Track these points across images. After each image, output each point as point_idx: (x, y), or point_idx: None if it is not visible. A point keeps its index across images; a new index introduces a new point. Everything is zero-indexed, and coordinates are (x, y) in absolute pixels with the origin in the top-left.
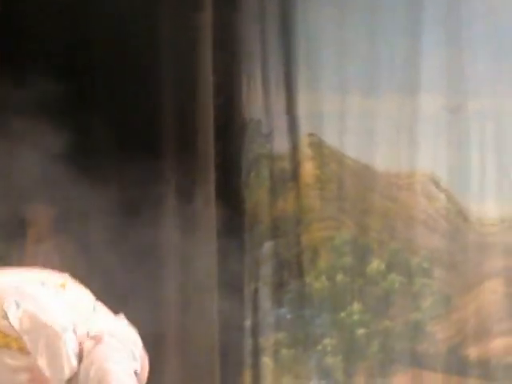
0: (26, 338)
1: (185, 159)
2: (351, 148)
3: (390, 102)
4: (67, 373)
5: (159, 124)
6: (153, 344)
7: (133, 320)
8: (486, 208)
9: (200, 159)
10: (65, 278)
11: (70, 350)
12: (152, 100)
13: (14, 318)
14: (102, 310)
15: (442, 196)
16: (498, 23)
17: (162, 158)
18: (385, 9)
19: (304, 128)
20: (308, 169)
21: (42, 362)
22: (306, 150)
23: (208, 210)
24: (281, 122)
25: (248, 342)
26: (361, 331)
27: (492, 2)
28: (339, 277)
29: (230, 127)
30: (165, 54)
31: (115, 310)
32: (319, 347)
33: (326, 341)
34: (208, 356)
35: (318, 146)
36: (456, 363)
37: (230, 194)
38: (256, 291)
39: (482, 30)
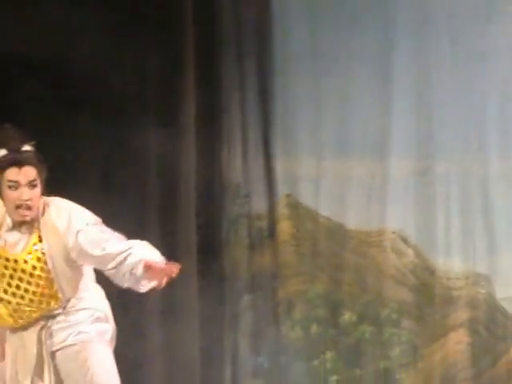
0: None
1: (168, 219)
2: (325, 208)
3: (362, 165)
4: None
5: (145, 185)
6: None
7: None
8: (452, 264)
9: (182, 219)
10: None
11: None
12: (141, 171)
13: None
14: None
15: (410, 252)
16: (466, 90)
17: (146, 217)
18: (357, 77)
19: (281, 189)
20: (284, 227)
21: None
22: (282, 210)
23: (190, 265)
24: (259, 185)
25: None
26: (333, 378)
27: (460, 69)
28: (313, 327)
29: (212, 190)
30: (150, 124)
31: None
32: None
33: None
34: None
35: (294, 206)
36: None
37: (211, 252)
38: (235, 341)
39: (450, 96)
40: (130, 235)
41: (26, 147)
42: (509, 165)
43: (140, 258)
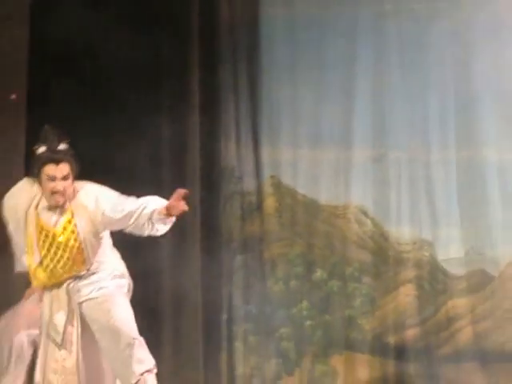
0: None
1: None
2: (302, 187)
3: (331, 152)
4: None
5: (160, 169)
6: (151, 323)
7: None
8: (402, 231)
9: (189, 195)
10: None
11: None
12: (155, 156)
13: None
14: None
15: (369, 222)
16: (413, 92)
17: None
18: (327, 83)
19: (266, 172)
20: (269, 202)
21: None
22: (268, 189)
23: (194, 232)
24: (249, 168)
25: (224, 331)
26: (308, 323)
27: (407, 76)
28: (292, 282)
29: (212, 171)
30: (164, 122)
31: None
32: (277, 335)
33: (282, 330)
34: (194, 341)
35: (277, 185)
36: (379, 348)
37: (211, 221)
38: (230, 292)
39: (400, 97)
40: None
41: (62, 146)
42: (447, 152)
43: (154, 208)
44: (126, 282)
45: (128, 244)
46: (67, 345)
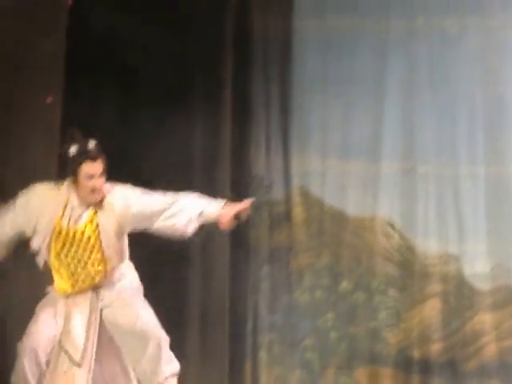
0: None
1: None
2: (330, 198)
3: (359, 164)
4: None
5: (191, 176)
6: (177, 332)
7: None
8: (429, 245)
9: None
10: None
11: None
12: (186, 164)
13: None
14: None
15: (396, 235)
16: (442, 108)
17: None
18: (356, 95)
19: (295, 182)
20: (297, 212)
21: None
22: (296, 198)
23: (223, 241)
24: (278, 177)
25: (249, 340)
26: (333, 334)
27: (437, 93)
28: (318, 293)
29: (241, 180)
30: (197, 131)
31: None
32: (301, 345)
33: (307, 341)
34: (220, 350)
35: (305, 195)
36: (403, 361)
37: (240, 230)
38: (256, 302)
39: (429, 112)
40: None
41: (92, 143)
42: (474, 167)
43: (202, 210)
44: (142, 289)
45: (158, 252)
46: (84, 361)
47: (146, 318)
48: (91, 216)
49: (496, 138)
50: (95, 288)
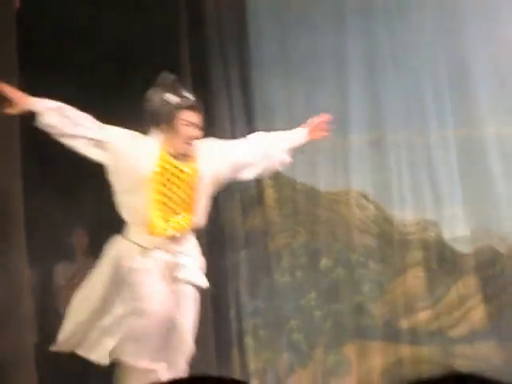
0: None
1: None
2: (301, 176)
3: (327, 140)
4: None
5: None
6: None
7: None
8: (405, 214)
9: None
10: None
11: None
12: None
13: None
14: None
15: (371, 206)
16: (407, 77)
17: None
18: (320, 71)
19: None
20: (269, 194)
21: None
22: (267, 180)
23: (197, 229)
24: None
25: (234, 327)
26: (317, 313)
27: (400, 62)
28: (298, 273)
29: None
30: None
31: None
32: (287, 327)
33: (292, 322)
34: (205, 338)
35: (276, 176)
36: (391, 333)
37: (213, 218)
38: (237, 288)
39: (394, 82)
40: None
41: (188, 94)
42: (444, 132)
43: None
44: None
45: None
46: None
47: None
48: (191, 164)
49: (463, 98)
50: (172, 241)
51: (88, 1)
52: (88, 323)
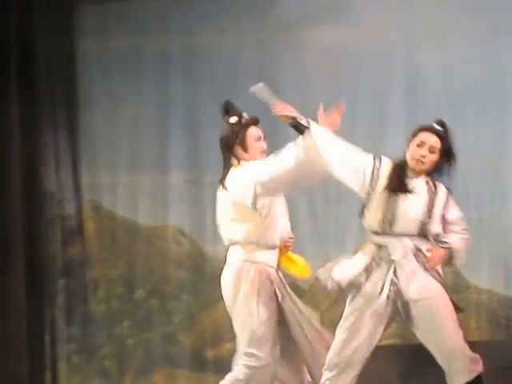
0: None
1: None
2: (122, 210)
3: (148, 176)
4: None
5: None
6: None
7: None
8: (218, 249)
9: (9, 219)
10: None
11: None
12: None
13: None
14: None
15: (187, 242)
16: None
17: None
18: (141, 115)
19: (86, 196)
20: (90, 225)
21: None
22: (88, 212)
23: (17, 257)
24: (69, 193)
25: (47, 352)
26: (130, 341)
27: (219, 91)
28: (113, 302)
29: (33, 197)
30: None
31: None
32: (100, 354)
33: (105, 349)
34: (19, 365)
35: (97, 209)
36: (198, 362)
37: (34, 246)
38: (53, 316)
39: (212, 117)
40: None
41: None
42: None
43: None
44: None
45: None
46: None
47: None
48: None
49: None
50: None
51: None
52: None
